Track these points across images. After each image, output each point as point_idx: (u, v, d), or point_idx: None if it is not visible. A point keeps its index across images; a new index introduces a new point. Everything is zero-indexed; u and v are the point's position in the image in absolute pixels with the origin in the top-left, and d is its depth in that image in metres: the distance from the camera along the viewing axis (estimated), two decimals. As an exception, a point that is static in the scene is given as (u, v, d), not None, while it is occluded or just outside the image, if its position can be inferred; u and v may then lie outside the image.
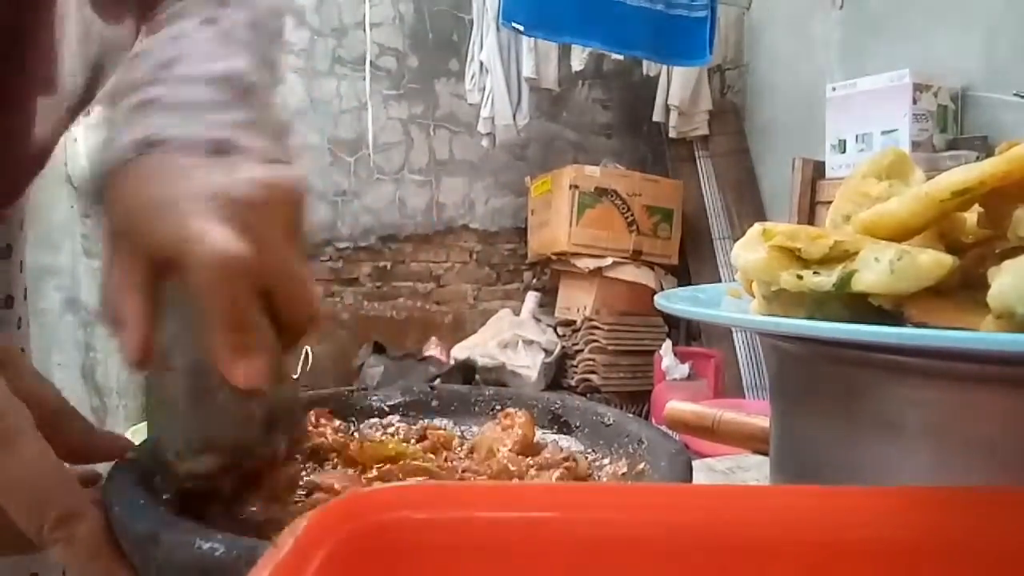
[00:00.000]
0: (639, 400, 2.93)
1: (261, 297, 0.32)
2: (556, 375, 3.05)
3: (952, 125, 2.28)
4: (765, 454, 0.62)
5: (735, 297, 0.42)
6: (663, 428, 0.46)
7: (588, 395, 2.85)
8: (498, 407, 0.47)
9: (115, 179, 0.34)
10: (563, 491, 0.26)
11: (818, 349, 0.33)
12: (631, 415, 0.44)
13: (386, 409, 0.48)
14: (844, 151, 2.37)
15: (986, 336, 0.26)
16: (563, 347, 3.05)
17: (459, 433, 0.45)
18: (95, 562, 0.30)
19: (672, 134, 3.19)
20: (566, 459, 0.39)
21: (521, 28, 2.65)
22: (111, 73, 0.49)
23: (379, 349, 2.99)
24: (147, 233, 0.32)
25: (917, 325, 0.29)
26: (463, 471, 0.38)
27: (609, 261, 2.95)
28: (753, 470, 0.67)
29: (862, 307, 0.30)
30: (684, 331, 3.23)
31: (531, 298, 3.22)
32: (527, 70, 2.91)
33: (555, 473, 0.38)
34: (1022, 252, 0.27)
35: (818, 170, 2.51)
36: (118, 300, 0.32)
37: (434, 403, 0.48)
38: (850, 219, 0.35)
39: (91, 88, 0.48)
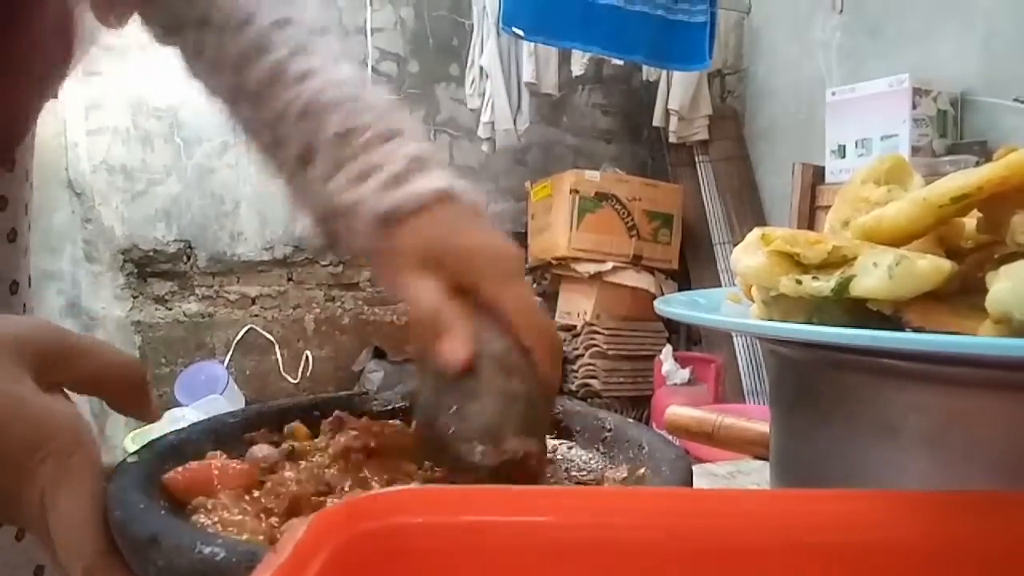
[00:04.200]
0: (639, 405, 2.92)
1: None
2: (556, 380, 3.04)
3: (952, 130, 2.28)
4: (765, 459, 0.62)
5: (735, 302, 0.42)
6: (663, 433, 0.46)
7: (588, 400, 2.84)
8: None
9: (412, 217, 0.41)
10: (563, 495, 0.26)
11: (817, 354, 0.33)
12: (631, 420, 0.44)
13: (387, 413, 0.48)
14: (844, 156, 2.37)
15: (984, 341, 0.26)
16: (563, 352, 3.05)
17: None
18: None
19: (672, 139, 3.19)
20: None
21: (522, 33, 2.66)
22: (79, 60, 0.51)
23: (379, 354, 2.99)
24: (466, 265, 0.40)
25: (915, 330, 0.29)
26: None
27: (609, 266, 2.95)
28: (753, 475, 0.66)
29: (861, 312, 0.31)
30: (684, 336, 3.23)
31: (531, 303, 3.21)
32: (527, 75, 2.91)
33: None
34: (1020, 257, 0.27)
35: (818, 175, 2.51)
36: (442, 312, 0.38)
37: (434, 408, 0.48)
38: (849, 224, 0.36)
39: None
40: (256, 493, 0.34)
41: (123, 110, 2.77)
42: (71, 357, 0.34)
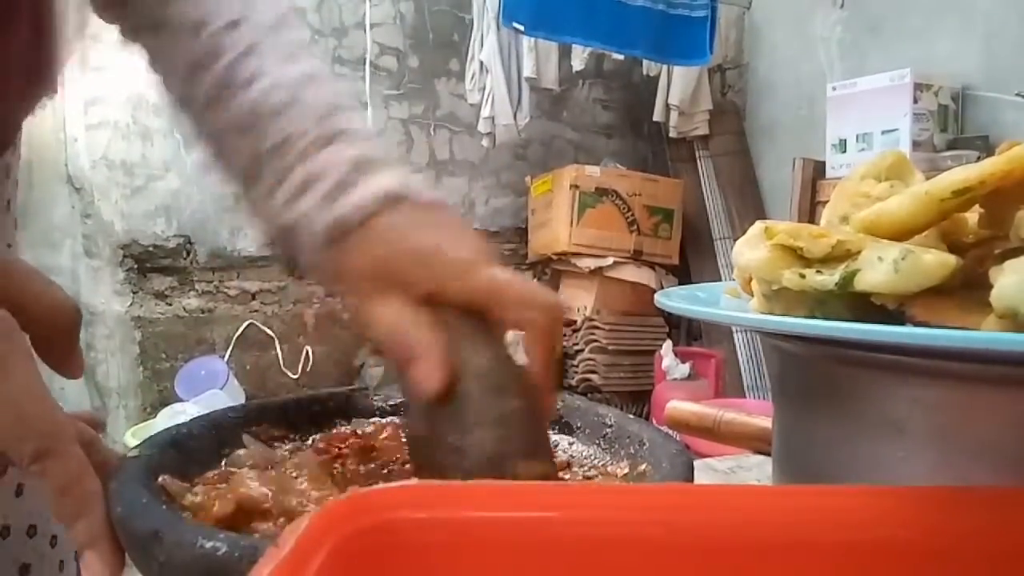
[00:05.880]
0: (640, 400, 2.92)
1: None
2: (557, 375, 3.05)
3: (953, 125, 2.28)
4: (766, 454, 0.62)
5: (733, 296, 0.42)
6: (664, 429, 0.46)
7: (589, 395, 2.85)
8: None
9: (360, 230, 0.38)
10: (564, 491, 0.26)
11: (820, 348, 0.33)
12: (632, 416, 0.44)
13: (387, 409, 0.48)
14: (845, 151, 2.36)
15: (989, 336, 0.26)
16: (563, 347, 3.05)
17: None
18: (66, 499, 0.30)
19: (672, 134, 3.19)
20: None
21: (522, 28, 2.65)
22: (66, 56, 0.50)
23: (380, 350, 2.99)
24: (425, 271, 0.36)
25: (919, 325, 0.29)
26: None
27: (610, 261, 2.95)
28: (754, 470, 0.66)
29: (864, 306, 0.30)
30: (685, 331, 3.23)
31: (532, 298, 3.21)
32: (527, 70, 2.90)
33: None
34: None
35: (818, 170, 2.51)
36: (408, 336, 0.35)
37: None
38: (847, 220, 0.35)
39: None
40: None
41: (123, 105, 2.76)
42: None
